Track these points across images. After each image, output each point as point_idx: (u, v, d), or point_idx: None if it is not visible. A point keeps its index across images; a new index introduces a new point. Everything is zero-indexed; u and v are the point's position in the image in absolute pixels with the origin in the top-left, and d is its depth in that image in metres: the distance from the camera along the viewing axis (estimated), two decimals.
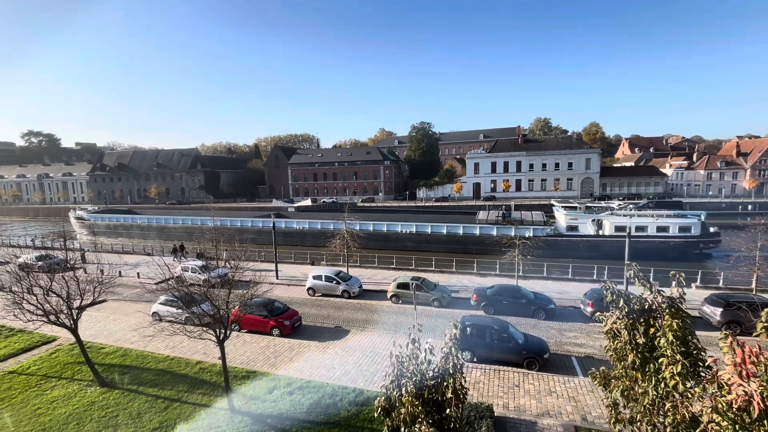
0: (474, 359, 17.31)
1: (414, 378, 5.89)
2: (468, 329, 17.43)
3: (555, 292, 26.28)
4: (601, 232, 41.95)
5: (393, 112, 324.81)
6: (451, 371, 5.98)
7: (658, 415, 6.07)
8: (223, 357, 14.02)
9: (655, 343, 6.06)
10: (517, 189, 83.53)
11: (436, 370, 6.10)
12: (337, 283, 27.29)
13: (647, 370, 6.12)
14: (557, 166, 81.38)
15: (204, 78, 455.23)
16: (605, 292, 6.87)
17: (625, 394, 6.60)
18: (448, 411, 5.84)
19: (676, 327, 5.73)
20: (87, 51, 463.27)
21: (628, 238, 25.06)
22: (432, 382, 5.99)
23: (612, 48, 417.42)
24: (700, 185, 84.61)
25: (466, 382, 6.22)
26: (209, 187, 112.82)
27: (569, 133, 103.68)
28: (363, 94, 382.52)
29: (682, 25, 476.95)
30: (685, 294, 6.34)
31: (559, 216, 45.27)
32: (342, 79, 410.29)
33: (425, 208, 75.80)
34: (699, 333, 6.77)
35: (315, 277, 28.01)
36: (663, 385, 5.78)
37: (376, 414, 6.04)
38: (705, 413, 4.77)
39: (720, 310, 20.28)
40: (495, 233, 43.76)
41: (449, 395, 5.83)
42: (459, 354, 6.17)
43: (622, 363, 6.61)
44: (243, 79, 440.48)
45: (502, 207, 61.78)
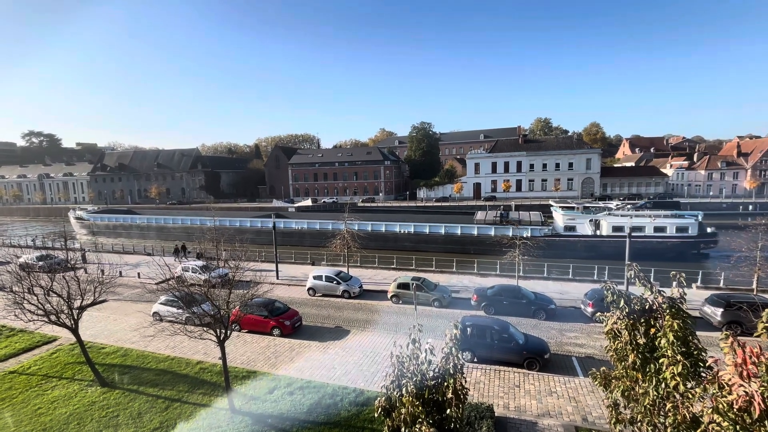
0: (474, 359, 17.30)
1: (414, 378, 5.89)
2: (468, 329, 17.43)
3: (555, 292, 26.28)
4: (599, 232, 42.00)
5: (393, 112, 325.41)
6: (452, 371, 5.98)
7: (658, 416, 6.06)
8: (224, 357, 14.02)
9: (656, 344, 6.06)
10: (518, 189, 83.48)
11: (436, 370, 6.10)
12: (338, 284, 27.29)
13: (648, 370, 6.12)
14: (558, 166, 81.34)
15: (204, 78, 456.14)
16: (606, 292, 6.86)
17: (626, 394, 6.59)
18: (448, 411, 5.84)
19: (676, 327, 5.72)
20: (88, 51, 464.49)
21: (628, 238, 25.03)
22: (432, 382, 5.99)
23: (612, 48, 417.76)
24: (700, 185, 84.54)
25: (466, 382, 6.22)
26: (210, 188, 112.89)
27: (570, 134, 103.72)
28: (363, 94, 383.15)
29: (682, 25, 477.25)
30: (686, 294, 6.34)
31: (557, 216, 45.31)
32: (342, 79, 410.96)
33: (426, 208, 75.78)
34: (700, 333, 6.77)
35: (315, 277, 28.02)
36: (664, 386, 5.78)
37: (376, 414, 6.04)
38: (706, 414, 4.76)
39: (721, 310, 20.26)
40: (493, 233, 43.94)
41: (450, 395, 5.83)
42: (459, 354, 6.17)
43: (622, 363, 6.60)
44: (243, 79, 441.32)
45: (500, 207, 61.78)
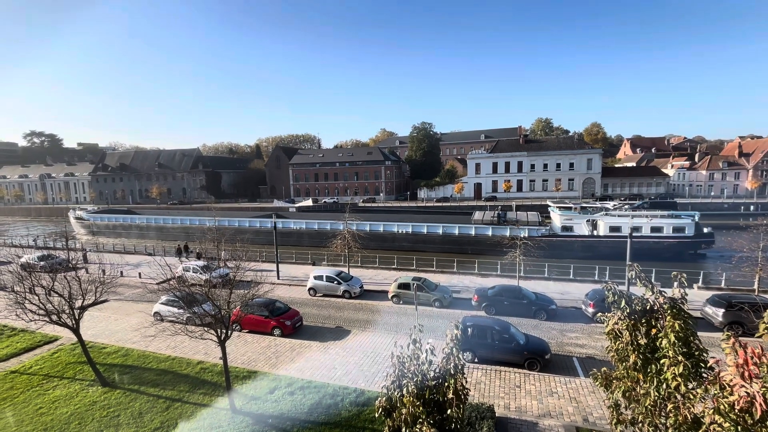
0: (475, 360, 17.29)
1: (415, 378, 5.89)
2: (469, 330, 17.41)
3: (556, 292, 26.25)
4: (596, 232, 42.10)
5: (394, 112, 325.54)
6: (453, 372, 5.98)
7: (659, 416, 6.05)
8: (225, 357, 14.03)
9: (657, 344, 6.05)
10: (519, 189, 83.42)
11: (437, 370, 6.10)
12: (338, 284, 27.30)
13: (649, 371, 6.11)
14: (558, 166, 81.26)
15: (205, 78, 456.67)
16: (607, 292, 6.85)
17: (627, 395, 6.58)
18: (449, 411, 5.84)
19: (678, 328, 5.72)
20: (88, 51, 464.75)
21: (629, 238, 25.00)
22: (433, 382, 5.98)
23: (614, 48, 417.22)
24: (702, 186, 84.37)
25: (467, 382, 6.22)
26: (211, 188, 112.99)
27: (571, 134, 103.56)
28: (364, 94, 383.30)
29: (684, 25, 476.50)
30: (687, 295, 6.33)
31: (555, 216, 45.46)
32: (343, 79, 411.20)
33: (426, 208, 75.76)
34: (701, 334, 6.75)
35: (316, 278, 28.03)
36: (665, 386, 5.77)
37: (377, 414, 6.04)
38: (707, 414, 4.75)
39: (722, 310, 20.22)
40: (490, 233, 44.23)
41: (450, 396, 5.83)
42: (460, 354, 6.17)
43: (623, 364, 6.59)
44: (244, 80, 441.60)
45: (498, 207, 61.87)
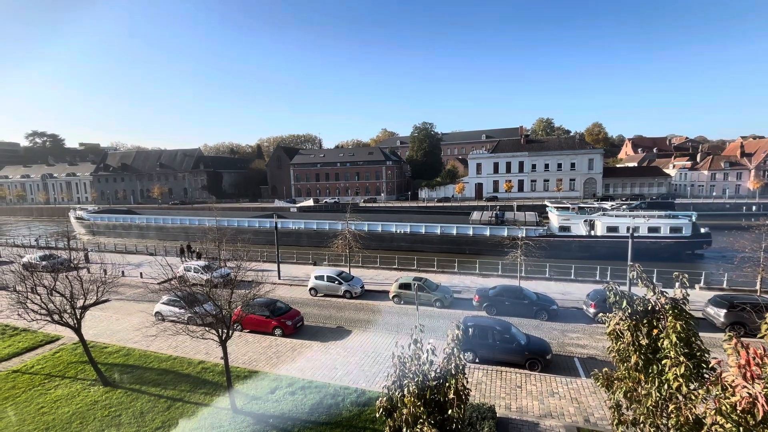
0: (476, 360, 17.27)
1: (416, 378, 5.89)
2: (470, 330, 17.40)
3: (557, 292, 26.21)
4: (593, 232, 42.15)
5: (395, 112, 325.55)
6: (453, 372, 5.97)
7: (661, 417, 6.04)
8: (226, 357, 14.04)
9: (659, 345, 6.03)
10: (520, 189, 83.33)
11: (438, 370, 6.10)
12: (339, 284, 27.31)
13: (650, 371, 6.09)
14: (560, 166, 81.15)
15: (205, 78, 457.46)
16: (608, 293, 6.84)
17: (628, 395, 6.57)
18: (450, 412, 5.84)
19: (679, 328, 5.70)
20: (89, 51, 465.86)
21: (630, 239, 24.96)
22: (434, 382, 5.98)
23: (615, 47, 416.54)
24: (703, 186, 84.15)
25: (468, 382, 6.22)
26: (212, 188, 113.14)
27: (572, 134, 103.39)
28: (364, 94, 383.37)
29: (684, 25, 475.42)
30: (689, 295, 6.32)
31: (552, 216, 45.55)
32: (344, 80, 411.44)
33: (427, 208, 75.72)
34: (702, 334, 6.73)
35: (317, 278, 28.05)
36: (666, 387, 5.76)
37: (378, 414, 6.04)
38: (709, 415, 4.74)
39: (724, 311, 20.16)
40: (488, 233, 44.38)
41: (451, 396, 5.83)
42: (461, 355, 6.17)
43: (625, 364, 6.57)
44: (245, 80, 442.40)
45: (496, 208, 61.98)
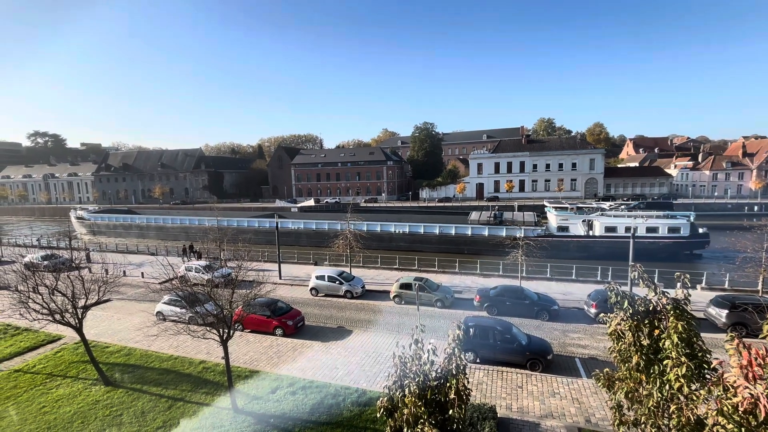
0: (477, 360, 17.26)
1: (417, 379, 5.89)
2: (471, 330, 17.39)
3: (558, 293, 26.18)
4: (591, 232, 42.19)
5: (396, 112, 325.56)
6: (454, 372, 5.97)
7: (662, 418, 6.03)
8: (227, 357, 14.06)
9: (660, 345, 6.02)
10: (521, 189, 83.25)
11: (438, 370, 6.09)
12: (340, 284, 27.31)
13: (652, 372, 6.08)
14: (561, 166, 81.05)
15: (207, 78, 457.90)
16: (609, 293, 6.83)
17: (630, 396, 6.56)
18: (450, 412, 5.84)
19: (681, 329, 5.69)
20: (89, 51, 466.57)
21: (632, 238, 24.93)
22: (435, 382, 5.98)
23: (616, 47, 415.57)
24: (705, 186, 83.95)
25: (469, 383, 6.21)
26: (213, 188, 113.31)
27: (573, 134, 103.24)
28: (365, 94, 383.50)
29: (686, 25, 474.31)
30: (690, 295, 6.30)
31: (551, 217, 45.62)
32: (345, 80, 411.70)
33: (428, 208, 75.69)
34: (704, 335, 6.71)
35: (318, 278, 28.05)
36: (668, 388, 5.74)
37: (378, 414, 6.04)
38: (710, 416, 4.72)
39: (725, 311, 20.11)
40: (486, 233, 44.42)
41: (452, 396, 5.82)
42: (462, 355, 6.16)
43: (626, 365, 6.56)
44: (246, 80, 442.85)
45: (495, 207, 62.00)
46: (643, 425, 6.36)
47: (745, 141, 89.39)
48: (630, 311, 6.47)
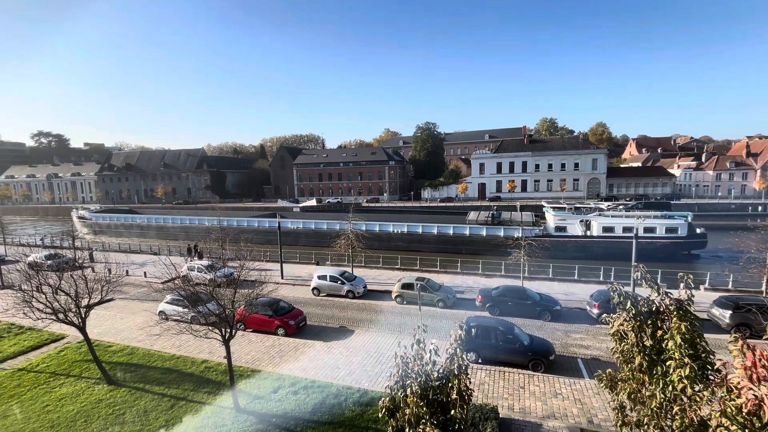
0: (479, 360, 17.24)
1: (419, 379, 5.89)
2: (473, 330, 17.37)
3: (561, 293, 26.11)
4: (589, 232, 42.19)
5: (398, 112, 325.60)
6: (456, 372, 5.97)
7: (665, 419, 6.00)
8: (229, 356, 14.10)
9: (663, 346, 6.00)
10: (523, 189, 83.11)
11: (440, 370, 6.09)
12: (342, 283, 27.33)
13: (655, 372, 6.06)
14: (563, 166, 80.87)
15: (209, 78, 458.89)
16: (612, 293, 6.81)
17: (632, 396, 6.53)
18: (452, 412, 5.83)
19: (684, 329, 5.67)
20: (89, 51, 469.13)
21: (635, 239, 24.86)
22: (437, 383, 5.98)
23: (619, 47, 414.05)
24: (709, 186, 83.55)
25: (470, 383, 6.21)
26: (215, 187, 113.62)
27: (575, 134, 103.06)
28: (365, 94, 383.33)
29: (690, 24, 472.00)
30: (693, 296, 6.27)
31: (549, 217, 45.62)
32: (346, 80, 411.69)
33: (430, 208, 75.64)
34: (708, 336, 6.69)
35: (320, 277, 28.08)
36: (671, 388, 5.72)
37: (380, 414, 6.04)
38: (714, 417, 4.70)
39: (729, 312, 19.99)
40: (484, 234, 44.52)
41: (454, 396, 5.82)
42: (464, 355, 6.16)
43: (629, 365, 6.54)
44: (248, 80, 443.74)
45: (493, 207, 62.00)
46: (646, 426, 6.33)
47: (749, 141, 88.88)
48: (633, 312, 6.45)
